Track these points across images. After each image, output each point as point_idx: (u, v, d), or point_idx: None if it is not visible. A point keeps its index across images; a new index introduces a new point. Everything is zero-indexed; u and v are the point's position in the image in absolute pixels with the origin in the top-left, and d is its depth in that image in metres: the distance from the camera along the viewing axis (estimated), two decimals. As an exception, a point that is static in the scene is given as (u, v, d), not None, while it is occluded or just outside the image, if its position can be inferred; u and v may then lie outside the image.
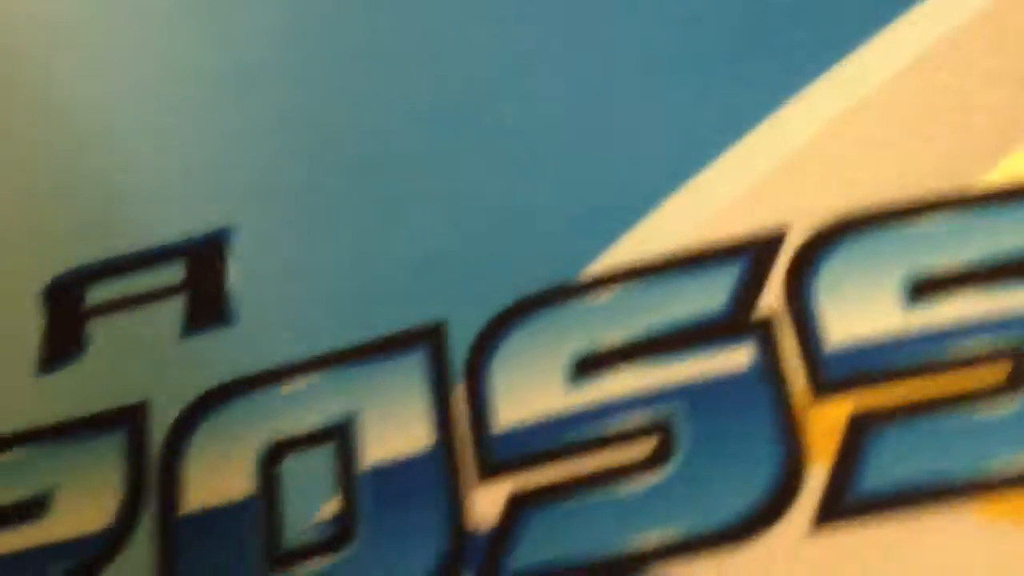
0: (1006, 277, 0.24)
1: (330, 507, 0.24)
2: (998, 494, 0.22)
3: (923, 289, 0.24)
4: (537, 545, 0.23)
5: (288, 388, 0.25)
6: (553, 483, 0.24)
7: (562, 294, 0.25)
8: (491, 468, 0.24)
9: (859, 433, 0.23)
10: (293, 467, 0.24)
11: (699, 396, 0.24)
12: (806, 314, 0.24)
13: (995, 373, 0.24)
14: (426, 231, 0.26)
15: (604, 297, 0.25)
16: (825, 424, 0.24)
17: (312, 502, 0.24)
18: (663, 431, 0.24)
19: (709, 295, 0.25)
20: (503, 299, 0.25)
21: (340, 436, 0.25)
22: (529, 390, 0.24)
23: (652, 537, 0.23)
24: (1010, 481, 0.23)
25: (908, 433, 0.23)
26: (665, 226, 0.25)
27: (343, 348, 0.25)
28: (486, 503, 0.24)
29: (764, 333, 0.24)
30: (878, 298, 0.24)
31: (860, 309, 0.24)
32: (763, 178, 0.25)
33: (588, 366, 0.24)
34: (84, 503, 0.25)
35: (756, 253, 0.25)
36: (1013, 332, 0.24)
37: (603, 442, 0.24)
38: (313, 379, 0.25)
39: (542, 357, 0.25)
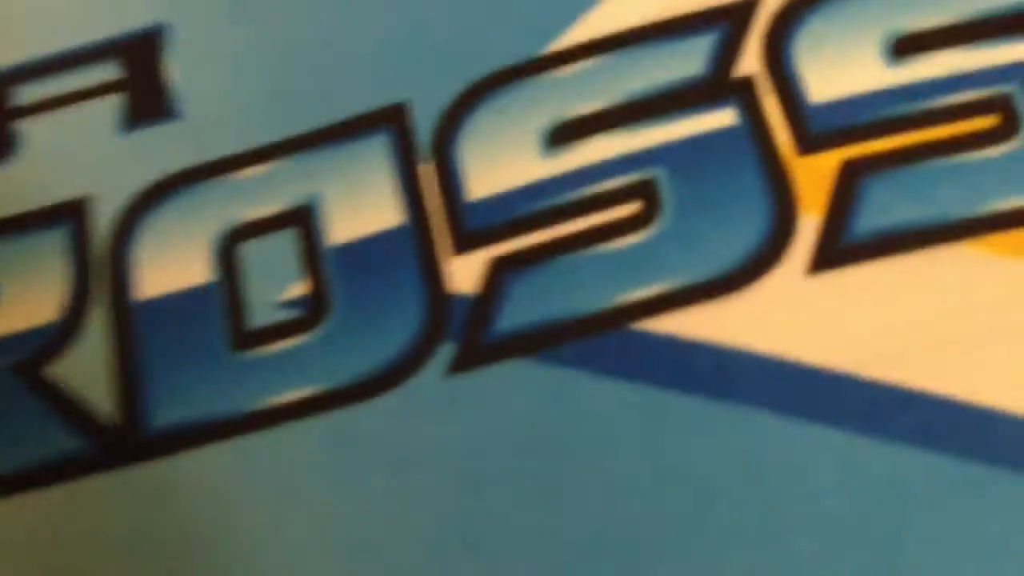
0: (986, 34, 0.23)
1: (298, 287, 0.23)
2: (994, 231, 0.22)
3: (904, 47, 0.24)
4: (521, 306, 0.22)
5: (245, 174, 0.24)
6: (535, 246, 0.23)
7: (530, 68, 0.24)
8: (468, 237, 0.23)
9: (850, 180, 0.23)
10: (255, 250, 0.23)
11: (682, 156, 0.23)
12: (787, 74, 0.24)
13: (985, 122, 0.23)
14: (382, 9, 0.25)
15: (575, 69, 0.24)
16: (814, 175, 0.23)
17: (277, 283, 0.23)
18: (647, 192, 0.23)
19: (686, 61, 0.24)
20: (468, 76, 0.24)
21: (303, 218, 0.23)
22: (502, 162, 0.23)
23: (640, 292, 0.22)
24: (1006, 219, 0.22)
25: (900, 179, 0.22)
26: (629, 2, 0.24)
27: (300, 134, 0.24)
28: (465, 271, 0.22)
29: (745, 94, 0.23)
30: (859, 57, 0.24)
31: (841, 67, 0.24)
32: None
33: (563, 135, 0.23)
34: (29, 298, 0.23)
35: (731, 18, 0.24)
36: (999, 84, 0.23)
37: (584, 206, 0.23)
38: (271, 166, 0.24)
39: (514, 129, 0.24)
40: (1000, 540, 0.20)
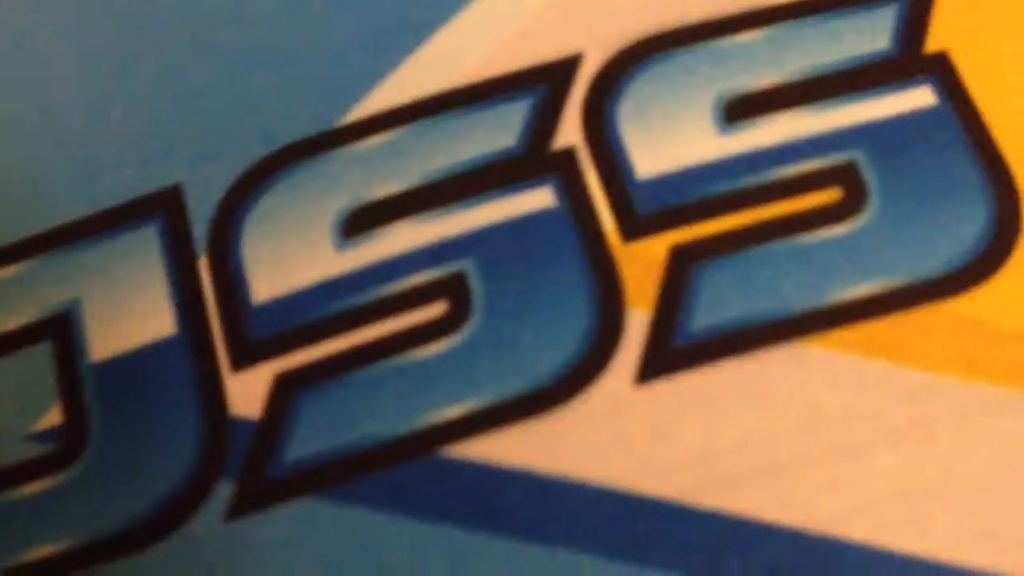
0: (827, 93, 0.22)
1: (52, 415, 0.20)
2: (839, 326, 0.20)
3: (737, 111, 0.22)
4: (312, 433, 0.20)
5: (-9, 280, 0.21)
6: (327, 358, 0.20)
7: (323, 143, 0.21)
8: (250, 349, 0.20)
9: (682, 269, 0.21)
10: (1, 371, 0.20)
11: (495, 245, 0.21)
12: (610, 145, 0.22)
13: (828, 196, 0.21)
14: (150, 76, 0.22)
15: (374, 143, 0.22)
16: (642, 263, 0.21)
17: (27, 411, 0.20)
18: (455, 290, 0.21)
19: (498, 132, 0.22)
20: (251, 155, 0.22)
21: (59, 330, 0.21)
22: (290, 256, 0.21)
23: (448, 412, 0.20)
24: (852, 311, 0.20)
25: (736, 265, 0.20)
26: (440, 59, 0.22)
27: (56, 227, 0.21)
28: (249, 388, 0.20)
29: (564, 170, 0.21)
30: (689, 123, 0.22)
31: (670, 137, 0.22)
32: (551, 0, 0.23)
33: (360, 222, 0.21)
34: None
35: (549, 82, 0.22)
36: (843, 150, 0.21)
37: (384, 308, 0.20)
38: (19, 268, 0.21)
39: (304, 216, 0.21)
40: None
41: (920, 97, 0.22)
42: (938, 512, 0.19)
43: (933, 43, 0.22)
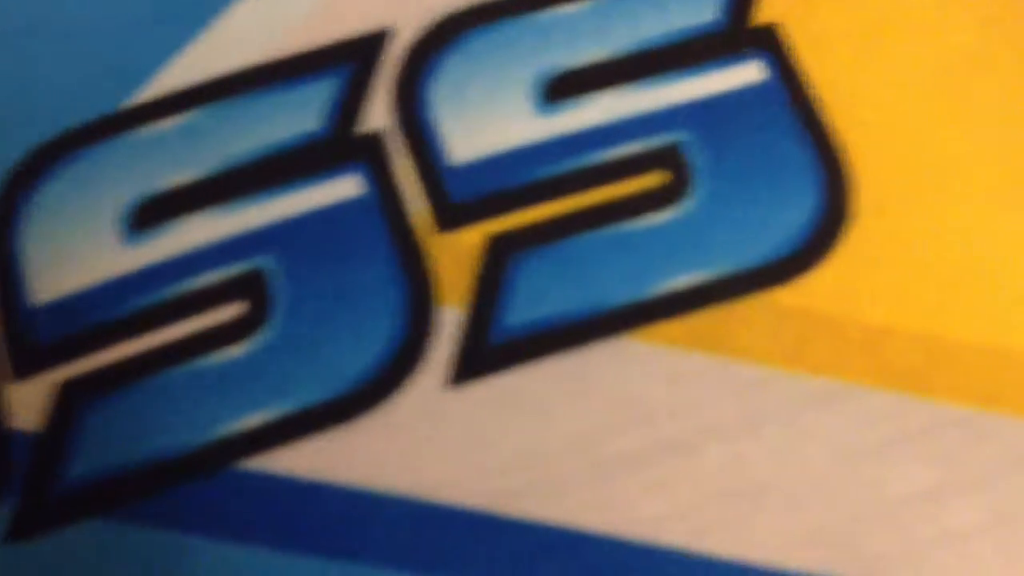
0: (651, 69, 0.21)
1: None
2: (662, 319, 0.20)
3: (557, 90, 0.21)
4: (100, 444, 0.19)
5: None
6: (116, 364, 0.19)
7: (108, 127, 0.20)
8: (33, 356, 0.19)
9: (498, 261, 0.20)
10: None
11: (296, 239, 0.20)
12: (423, 127, 0.21)
13: (652, 180, 0.21)
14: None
15: (164, 126, 0.21)
16: (457, 256, 0.20)
17: None
18: (253, 289, 0.20)
19: (301, 114, 0.20)
20: (29, 139, 0.20)
21: None
22: (74, 253, 0.20)
23: (247, 421, 0.19)
24: (676, 302, 0.20)
25: (555, 256, 0.20)
26: (238, 34, 0.21)
27: None
28: (32, 398, 0.19)
29: (373, 154, 0.21)
30: (507, 103, 0.21)
31: (487, 118, 0.21)
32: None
33: (149, 216, 0.20)
34: None
35: (356, 59, 0.21)
36: (666, 132, 0.21)
37: (176, 309, 0.19)
38: None
39: (89, 209, 0.20)
40: None
41: (749, 72, 0.21)
42: (766, 512, 0.18)
43: (763, 14, 0.22)
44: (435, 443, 0.19)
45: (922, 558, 0.18)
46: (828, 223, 0.20)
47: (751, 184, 0.20)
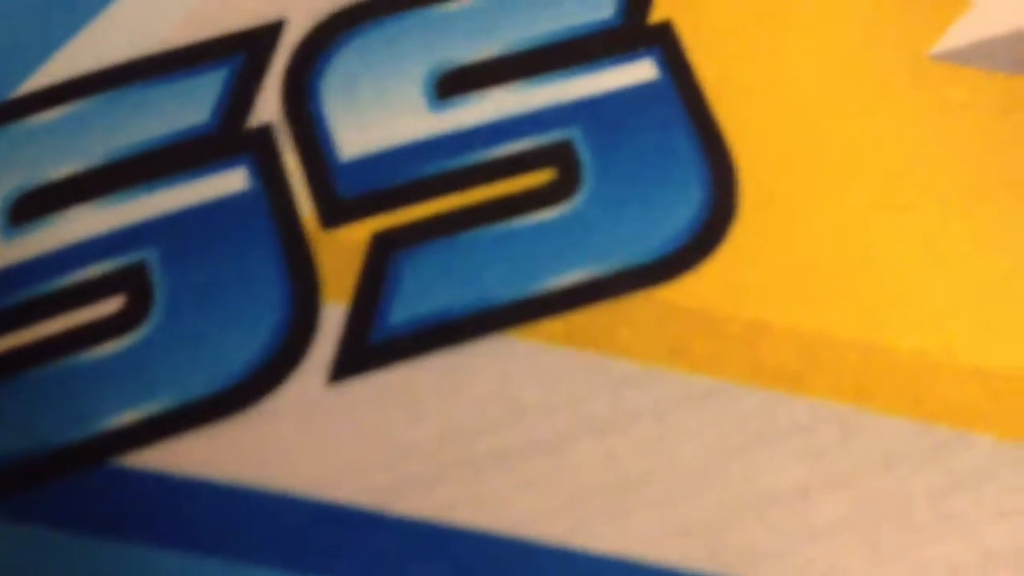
0: (544, 66, 0.22)
1: None
2: (546, 316, 0.21)
3: (449, 86, 0.22)
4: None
5: None
6: (-9, 359, 0.20)
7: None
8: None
9: (383, 257, 0.21)
10: None
11: (180, 232, 0.21)
12: (312, 122, 0.22)
13: (541, 177, 0.22)
14: None
15: (49, 117, 0.21)
16: (342, 252, 0.21)
17: None
18: (135, 283, 0.21)
19: (189, 107, 0.21)
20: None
21: None
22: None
23: (123, 417, 0.20)
24: (559, 300, 0.21)
25: (441, 253, 0.21)
26: (127, 24, 0.22)
27: None
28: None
29: (261, 148, 0.21)
30: (399, 99, 0.22)
31: (378, 113, 0.22)
32: (248, -39, 0.23)
33: (30, 208, 0.21)
34: None
35: (248, 52, 0.22)
36: (558, 128, 0.22)
37: (54, 303, 0.20)
38: None
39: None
40: None
41: (641, 70, 0.22)
42: (639, 507, 0.20)
43: (658, 12, 0.23)
44: (313, 440, 0.20)
45: (789, 552, 0.19)
46: (713, 221, 0.21)
47: (639, 182, 0.21)
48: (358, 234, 0.21)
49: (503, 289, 0.21)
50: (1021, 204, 0.22)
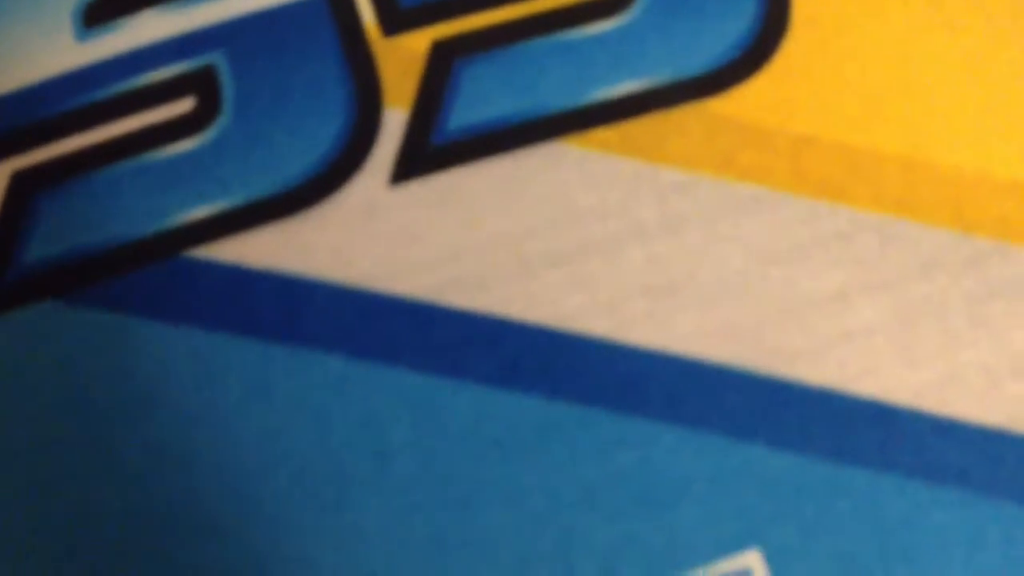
0: None
1: None
2: (599, 125, 0.23)
3: None
4: (53, 231, 0.22)
5: None
6: (68, 155, 0.23)
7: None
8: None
9: (442, 65, 0.23)
10: None
11: (247, 37, 0.23)
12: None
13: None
14: None
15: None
16: (403, 59, 0.23)
17: None
18: (203, 84, 0.23)
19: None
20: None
21: None
22: (27, 47, 0.23)
23: (196, 213, 0.23)
24: (612, 110, 0.23)
25: (499, 62, 0.23)
26: None
27: None
28: (-17, 189, 0.23)
29: (322, -44, 0.24)
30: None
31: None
32: None
33: (102, 12, 0.23)
34: None
35: None
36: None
37: (127, 104, 0.23)
38: None
39: (40, 7, 0.23)
40: (593, 486, 0.22)
41: None
42: (681, 307, 0.22)
43: None
44: (375, 236, 0.22)
45: (824, 351, 0.22)
46: (764, 37, 0.23)
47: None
48: (418, 42, 0.23)
49: (558, 97, 0.23)
50: (1069, 25, 0.24)
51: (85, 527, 0.21)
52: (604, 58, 0.23)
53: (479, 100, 0.23)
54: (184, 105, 0.23)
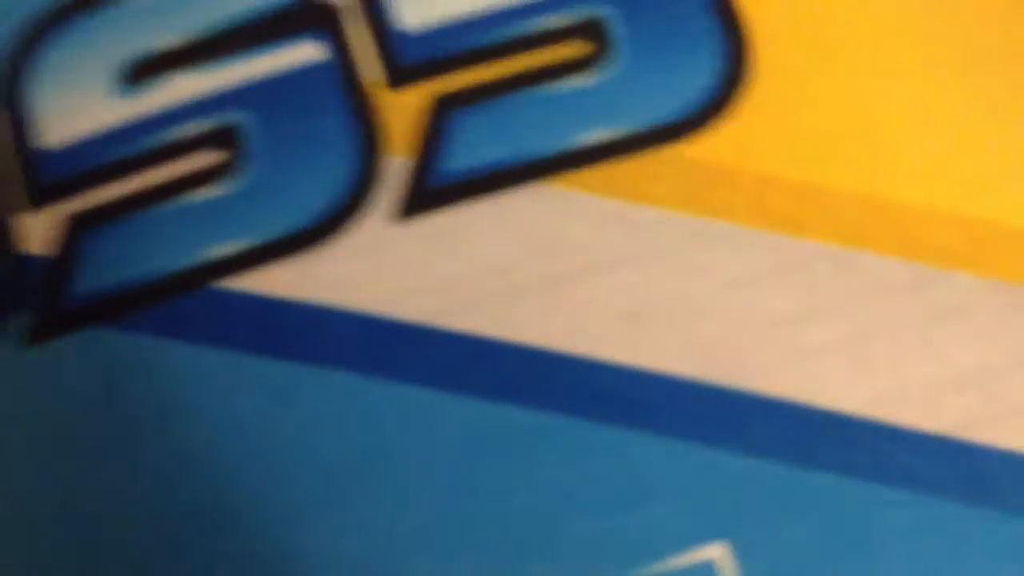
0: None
1: None
2: (581, 166, 0.27)
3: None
4: (99, 269, 0.27)
5: None
6: (112, 200, 0.27)
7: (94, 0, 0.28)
8: (42, 191, 0.27)
9: (441, 115, 0.27)
10: None
11: (266, 97, 0.28)
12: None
13: (576, 49, 0.28)
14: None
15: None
16: (405, 113, 0.28)
17: None
18: (227, 139, 0.27)
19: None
20: (31, 7, 0.28)
21: None
22: (75, 105, 0.28)
23: (223, 249, 0.27)
24: (592, 153, 0.27)
25: (492, 113, 0.27)
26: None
27: None
28: (40, 230, 0.27)
29: (330, 21, 0.28)
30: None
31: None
32: None
33: (140, 73, 0.28)
34: None
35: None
36: (591, 6, 0.28)
37: (162, 154, 0.27)
38: None
39: (84, 68, 0.28)
40: (573, 485, 0.26)
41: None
42: (653, 328, 0.26)
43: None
44: (380, 269, 0.26)
45: (783, 367, 0.26)
46: (728, 86, 0.27)
47: (663, 52, 0.28)
48: (418, 97, 0.27)
49: (543, 144, 0.27)
50: (1009, 73, 0.28)
51: (119, 527, 0.25)
52: (584, 108, 0.27)
53: (473, 147, 0.27)
54: (212, 156, 0.27)
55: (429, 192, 0.27)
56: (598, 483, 0.25)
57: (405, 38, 0.28)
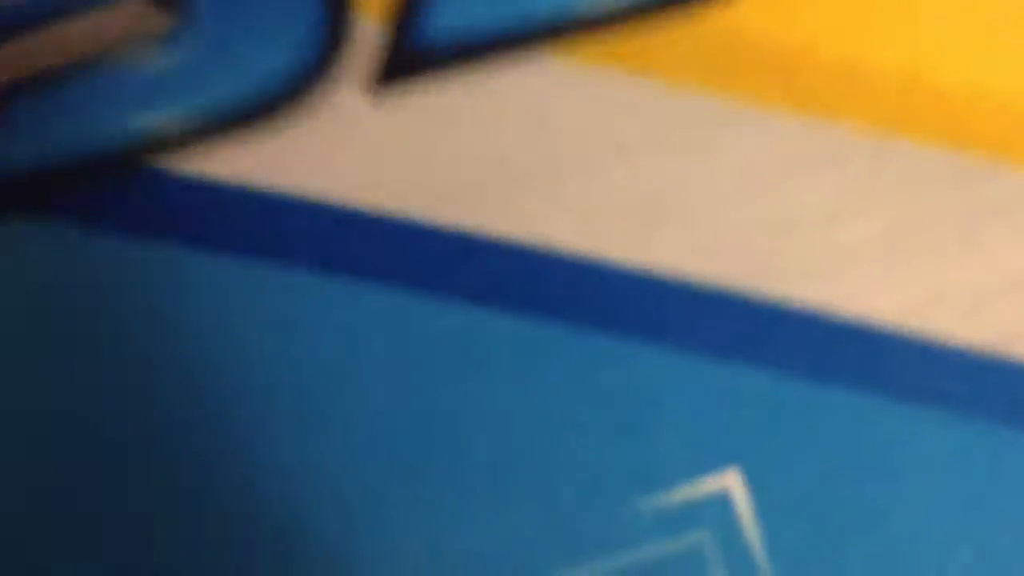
0: None
1: None
2: (584, 32, 0.24)
3: None
4: (16, 144, 0.23)
5: None
6: (26, 65, 0.23)
7: None
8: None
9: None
10: None
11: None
12: None
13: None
14: None
15: None
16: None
17: None
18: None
19: None
20: None
21: None
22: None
23: (163, 121, 0.23)
24: (599, 21, 0.24)
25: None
26: None
27: None
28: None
29: None
30: None
31: None
32: None
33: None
34: None
35: None
36: None
37: (89, 7, 0.24)
38: None
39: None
40: (574, 409, 0.23)
41: None
42: (664, 226, 0.23)
43: None
44: (349, 150, 0.23)
45: (813, 271, 0.23)
46: (756, -56, 0.24)
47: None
48: (395, -55, 0.24)
49: (544, 9, 0.24)
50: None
51: (73, 438, 0.22)
52: None
53: (461, 6, 0.24)
54: (151, 12, 0.24)
55: (408, 57, 0.24)
56: (600, 405, 0.23)
57: None
